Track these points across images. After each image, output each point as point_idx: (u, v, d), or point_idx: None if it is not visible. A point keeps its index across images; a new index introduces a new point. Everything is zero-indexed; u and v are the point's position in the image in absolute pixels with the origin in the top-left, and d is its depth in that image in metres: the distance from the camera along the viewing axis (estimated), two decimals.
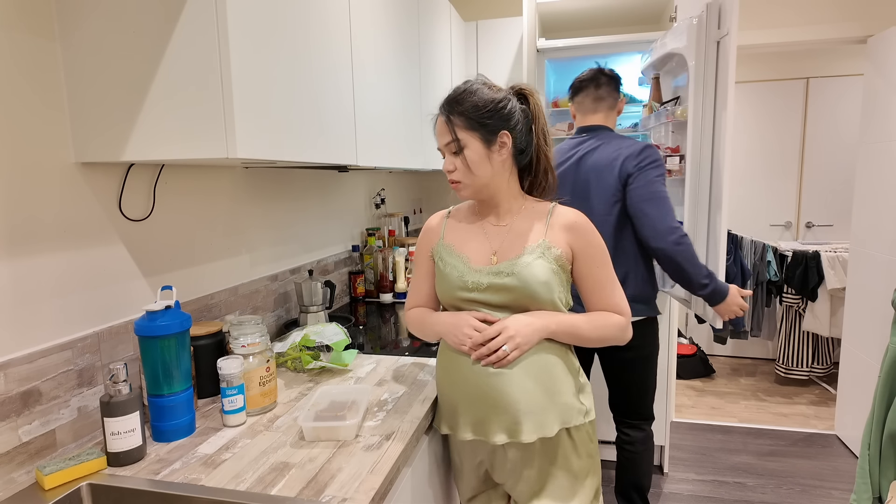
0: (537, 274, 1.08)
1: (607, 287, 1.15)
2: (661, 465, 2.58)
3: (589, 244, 1.14)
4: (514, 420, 1.08)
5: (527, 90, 1.16)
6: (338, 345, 1.44)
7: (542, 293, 1.08)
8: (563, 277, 1.13)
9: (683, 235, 1.65)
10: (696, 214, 1.98)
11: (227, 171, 1.50)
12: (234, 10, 0.92)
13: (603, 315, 1.15)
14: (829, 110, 3.96)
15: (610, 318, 1.15)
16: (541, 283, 1.08)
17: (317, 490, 0.87)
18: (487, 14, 3.14)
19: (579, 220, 1.14)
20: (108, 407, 0.95)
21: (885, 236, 2.44)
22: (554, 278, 1.10)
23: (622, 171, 1.68)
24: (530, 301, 1.09)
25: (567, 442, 1.14)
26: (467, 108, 1.09)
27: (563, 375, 1.12)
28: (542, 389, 1.08)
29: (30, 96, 0.96)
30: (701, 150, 1.94)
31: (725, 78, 1.84)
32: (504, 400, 1.07)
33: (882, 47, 2.48)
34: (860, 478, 1.13)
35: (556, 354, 1.12)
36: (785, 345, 3.58)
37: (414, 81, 1.99)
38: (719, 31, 1.86)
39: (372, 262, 2.26)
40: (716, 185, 1.91)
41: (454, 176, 1.13)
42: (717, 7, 1.87)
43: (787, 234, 4.13)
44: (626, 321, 1.16)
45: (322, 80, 1.26)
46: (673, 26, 2.11)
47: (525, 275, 1.08)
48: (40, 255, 0.98)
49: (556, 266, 1.10)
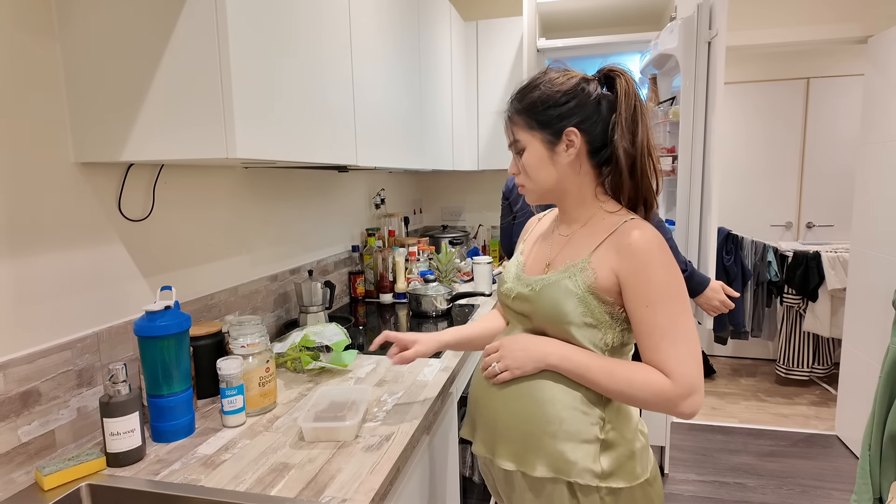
0: (550, 297, 0.94)
1: (655, 336, 0.88)
2: (661, 466, 2.58)
3: (635, 272, 0.89)
4: (492, 437, 1.00)
5: (616, 72, 0.97)
6: (337, 345, 1.44)
7: (555, 319, 0.94)
8: (599, 310, 0.92)
9: (661, 221, 1.70)
10: (688, 214, 1.99)
11: (227, 171, 1.50)
12: (234, 9, 0.92)
13: (638, 370, 0.90)
14: (829, 110, 3.95)
15: (644, 377, 0.88)
16: (554, 308, 0.93)
17: (316, 491, 0.87)
18: (487, 14, 3.14)
19: (637, 241, 0.89)
20: (108, 407, 0.95)
21: (885, 236, 2.44)
22: (578, 307, 0.92)
23: None
24: (547, 325, 0.96)
25: (568, 500, 0.93)
26: (527, 106, 0.97)
27: (560, 418, 0.93)
28: (523, 420, 0.95)
29: (29, 96, 0.96)
30: (692, 151, 1.94)
31: (715, 79, 1.84)
32: (486, 415, 1.02)
33: (882, 47, 2.48)
34: (861, 478, 1.13)
35: (560, 392, 0.94)
36: (785, 345, 3.58)
37: (414, 81, 1.99)
38: (710, 31, 1.86)
39: (372, 263, 2.26)
40: (706, 185, 1.91)
41: (518, 179, 1.02)
42: (708, 7, 1.87)
43: (788, 234, 4.13)
44: (673, 389, 0.86)
45: (322, 79, 1.26)
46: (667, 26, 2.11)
47: (542, 293, 0.95)
48: (40, 255, 0.98)
49: (582, 292, 0.92)
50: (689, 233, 1.99)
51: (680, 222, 2.01)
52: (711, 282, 1.75)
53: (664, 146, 2.27)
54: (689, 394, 0.87)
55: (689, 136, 1.94)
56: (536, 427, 0.94)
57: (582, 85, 0.96)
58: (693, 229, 1.98)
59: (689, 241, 1.98)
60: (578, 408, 0.94)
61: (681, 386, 0.86)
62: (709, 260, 1.90)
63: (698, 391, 0.87)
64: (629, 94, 0.94)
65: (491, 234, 3.26)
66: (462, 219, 3.36)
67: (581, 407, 0.94)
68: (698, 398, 0.87)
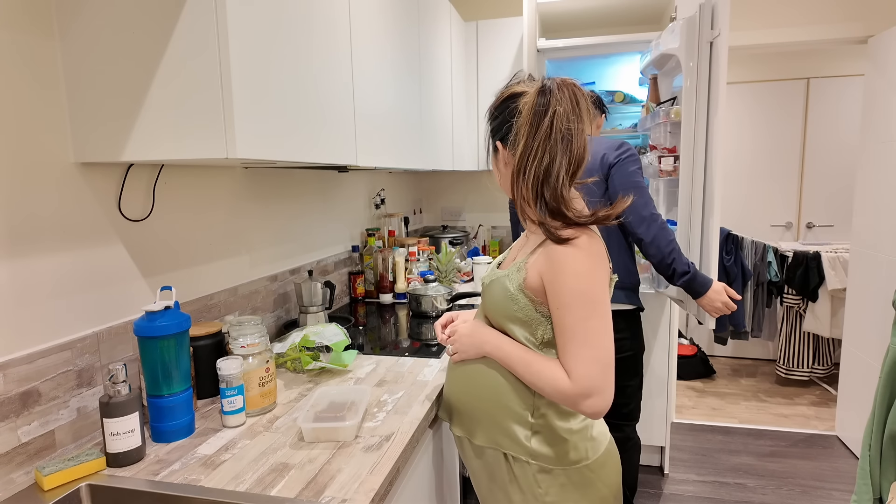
0: (493, 292, 1.06)
1: (564, 336, 0.94)
2: (661, 466, 2.58)
3: (554, 277, 0.95)
4: (448, 406, 1.18)
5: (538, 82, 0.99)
6: (337, 345, 1.44)
7: (495, 312, 1.06)
8: (528, 307, 1.00)
9: (665, 223, 1.73)
10: (689, 214, 1.98)
11: (227, 171, 1.50)
12: (234, 9, 0.92)
13: (548, 365, 0.97)
14: (829, 110, 3.95)
15: (551, 373, 0.96)
16: (492, 303, 1.06)
17: (316, 491, 0.87)
18: (487, 14, 3.14)
19: (557, 249, 0.95)
20: (108, 407, 0.95)
21: (885, 237, 2.44)
22: (510, 305, 1.02)
23: (604, 164, 1.75)
24: (491, 316, 1.08)
25: (505, 468, 1.07)
26: (491, 113, 1.08)
27: (506, 400, 1.05)
28: (468, 395, 1.11)
29: (29, 96, 0.96)
30: (694, 151, 1.94)
31: (718, 79, 1.84)
32: (447, 387, 1.19)
33: (883, 47, 2.48)
34: (861, 479, 1.13)
35: (499, 376, 1.06)
36: (785, 345, 3.58)
37: (414, 81, 1.99)
38: (712, 31, 1.86)
39: (372, 263, 2.26)
40: (709, 186, 1.91)
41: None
42: (710, 7, 1.86)
43: (788, 234, 4.13)
44: (572, 388, 0.92)
45: (322, 79, 1.26)
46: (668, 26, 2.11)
47: (489, 288, 1.08)
48: (39, 255, 0.98)
49: (515, 290, 1.01)
50: (692, 233, 1.98)
51: (681, 223, 2.01)
52: (714, 283, 1.76)
53: (665, 146, 2.26)
54: (587, 394, 0.92)
55: (690, 136, 1.94)
56: (478, 402, 1.09)
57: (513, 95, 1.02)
58: (695, 230, 1.98)
59: (692, 241, 1.98)
60: (514, 392, 1.05)
61: (579, 386, 0.92)
62: (711, 261, 1.90)
63: (599, 393, 0.92)
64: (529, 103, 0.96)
65: (491, 234, 3.26)
66: (462, 219, 3.36)
67: (516, 391, 1.05)
68: (599, 400, 0.92)
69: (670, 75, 2.32)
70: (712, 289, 1.75)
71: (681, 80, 2.08)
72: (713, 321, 1.89)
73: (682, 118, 1.96)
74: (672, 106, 2.18)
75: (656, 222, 1.71)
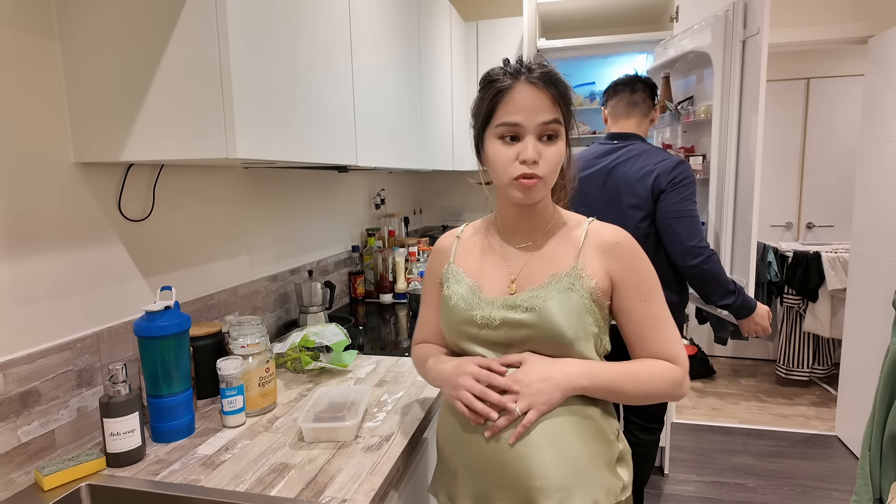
0: (565, 310, 0.84)
1: (657, 327, 0.88)
2: (661, 466, 2.58)
3: (633, 270, 0.88)
4: (525, 499, 0.83)
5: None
6: (337, 345, 1.44)
7: (568, 336, 0.84)
8: (600, 316, 0.89)
9: (711, 255, 1.63)
10: (721, 217, 1.94)
11: (227, 171, 1.50)
12: (234, 9, 0.92)
13: (653, 365, 0.88)
14: (829, 111, 3.95)
15: (662, 369, 0.87)
16: (568, 324, 0.84)
17: (316, 491, 0.87)
18: (487, 14, 3.14)
19: (622, 240, 0.89)
20: (108, 407, 0.95)
21: (885, 237, 2.44)
22: (587, 318, 0.86)
23: (655, 186, 1.64)
24: (553, 346, 0.86)
25: None
26: (566, 93, 0.86)
27: (596, 442, 0.86)
28: (564, 461, 0.82)
29: (29, 96, 0.96)
30: (727, 152, 1.89)
31: (756, 78, 1.79)
32: (512, 473, 0.83)
33: (882, 48, 2.48)
34: (861, 479, 1.13)
35: (590, 415, 0.86)
36: (786, 346, 3.58)
37: (414, 81, 1.99)
38: (746, 30, 1.85)
39: (372, 263, 2.26)
40: (744, 188, 1.85)
41: (538, 169, 0.84)
42: (743, 6, 1.85)
43: (788, 234, 4.13)
44: (683, 373, 0.88)
45: (322, 79, 1.26)
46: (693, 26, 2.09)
47: (548, 310, 0.84)
48: (39, 255, 0.98)
49: (588, 302, 0.86)
50: (723, 236, 1.89)
51: (712, 225, 1.93)
52: (759, 307, 1.69)
53: (682, 146, 2.25)
54: (687, 374, 0.90)
55: (724, 136, 1.88)
56: (579, 463, 0.83)
57: None
58: (725, 236, 1.89)
59: (723, 249, 1.87)
60: (604, 422, 0.89)
61: (685, 367, 0.89)
62: (748, 274, 1.78)
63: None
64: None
65: None
66: (462, 219, 3.36)
67: (606, 419, 0.89)
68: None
69: (680, 75, 2.31)
70: (757, 313, 1.69)
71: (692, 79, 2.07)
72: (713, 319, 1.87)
73: (714, 117, 1.92)
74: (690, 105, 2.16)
75: (701, 255, 1.61)
